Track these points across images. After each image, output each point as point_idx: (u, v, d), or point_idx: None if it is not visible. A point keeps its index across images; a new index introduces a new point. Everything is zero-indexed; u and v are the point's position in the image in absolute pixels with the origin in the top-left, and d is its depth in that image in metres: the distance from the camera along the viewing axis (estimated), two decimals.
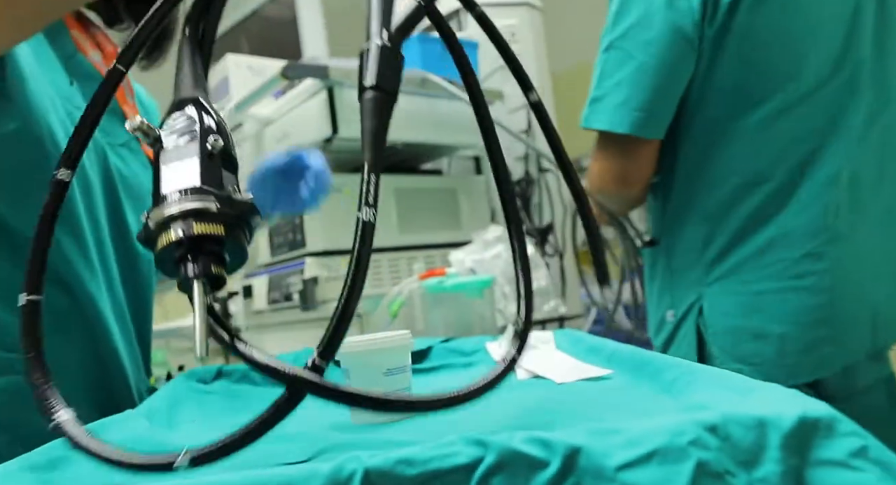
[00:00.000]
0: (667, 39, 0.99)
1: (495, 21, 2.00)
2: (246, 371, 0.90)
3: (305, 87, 1.50)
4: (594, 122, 1.08)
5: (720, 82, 1.02)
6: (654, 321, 1.17)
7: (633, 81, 1.00)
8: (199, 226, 0.42)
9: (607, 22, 1.06)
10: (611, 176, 1.11)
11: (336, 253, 1.51)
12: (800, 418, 0.31)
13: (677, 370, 0.50)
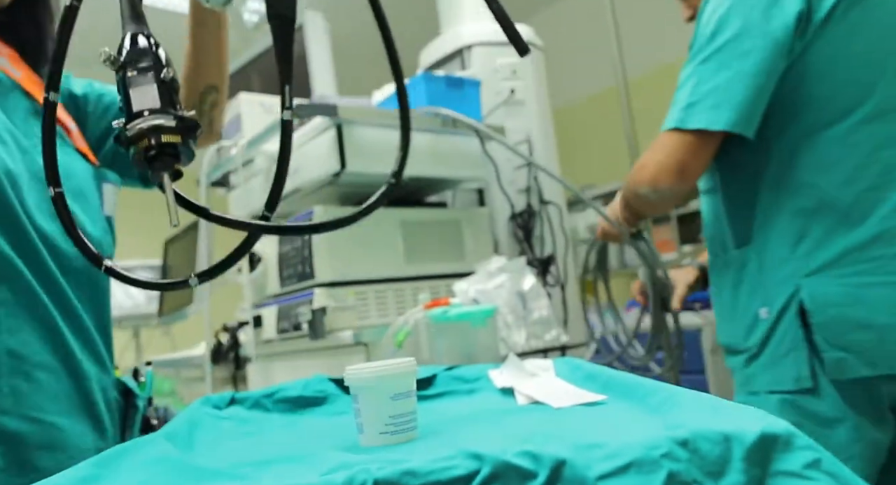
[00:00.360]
0: (762, 50, 1.08)
1: (498, 60, 2.10)
2: (257, 399, 0.95)
3: (315, 125, 1.56)
4: (691, 122, 1.13)
5: (810, 92, 1.11)
6: (743, 324, 1.19)
7: (729, 86, 1.10)
8: (165, 137, 0.61)
9: (699, 39, 1.16)
10: (671, 168, 1.16)
11: (344, 284, 1.56)
12: (761, 433, 0.35)
13: (663, 394, 0.54)
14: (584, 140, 4.49)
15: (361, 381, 0.63)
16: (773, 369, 1.13)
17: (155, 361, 2.79)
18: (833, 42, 1.09)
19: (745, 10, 1.10)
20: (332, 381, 0.96)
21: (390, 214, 1.68)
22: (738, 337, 1.20)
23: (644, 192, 1.22)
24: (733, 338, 1.22)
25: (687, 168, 1.15)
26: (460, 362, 1.14)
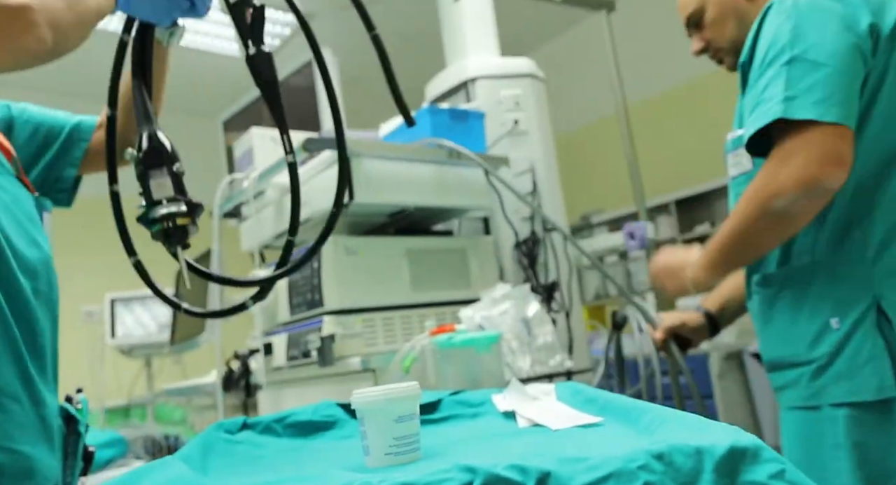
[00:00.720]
0: (850, 53, 1.08)
1: (501, 92, 2.17)
2: (268, 424, 0.98)
3: (324, 158, 1.61)
4: (798, 112, 1.05)
5: (884, 108, 1.12)
6: (807, 336, 1.16)
7: (828, 83, 1.06)
8: (179, 220, 0.86)
9: (775, 46, 1.11)
10: (822, 158, 1.04)
11: (352, 311, 1.59)
12: (730, 447, 0.38)
13: (652, 415, 0.58)
14: (586, 167, 4.55)
15: (367, 404, 0.67)
16: (850, 379, 1.10)
17: (166, 390, 2.84)
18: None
19: (821, 20, 1.09)
20: (340, 406, 0.99)
21: (397, 242, 1.72)
22: (798, 349, 1.17)
23: (784, 202, 1.08)
24: (792, 350, 1.18)
25: (836, 152, 1.04)
26: (466, 387, 1.16)
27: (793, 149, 1.07)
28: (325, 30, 4.59)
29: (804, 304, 1.17)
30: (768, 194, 1.09)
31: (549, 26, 4.91)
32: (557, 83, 2.86)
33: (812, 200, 1.08)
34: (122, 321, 3.82)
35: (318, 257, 1.61)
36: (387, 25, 4.31)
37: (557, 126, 2.57)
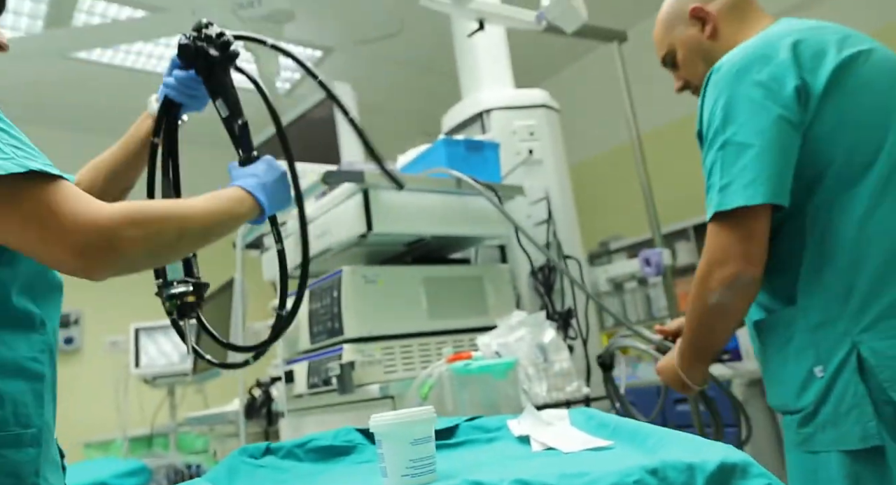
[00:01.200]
0: (775, 126, 1.14)
1: (516, 122, 2.22)
2: (290, 448, 1.01)
3: (343, 190, 1.66)
4: (729, 202, 1.13)
5: (828, 157, 1.16)
6: (794, 384, 1.18)
7: (757, 163, 1.13)
8: (188, 298, 1.03)
9: (711, 128, 1.20)
10: (733, 258, 1.14)
11: (372, 339, 1.63)
12: (720, 463, 0.41)
13: (656, 436, 0.60)
14: (604, 194, 4.57)
15: (384, 427, 0.70)
16: (836, 427, 1.11)
17: (189, 418, 2.87)
18: (837, 108, 1.15)
19: (748, 94, 1.16)
20: (359, 431, 1.02)
21: (415, 271, 1.76)
22: (789, 397, 1.19)
23: (717, 298, 1.18)
24: (784, 398, 1.21)
25: (746, 251, 1.14)
26: (483, 413, 1.19)
27: (708, 247, 1.18)
28: (342, 63, 4.72)
29: (789, 352, 1.19)
30: (703, 291, 1.19)
31: (562, 56, 4.99)
32: (572, 112, 2.90)
33: (738, 294, 1.17)
34: (146, 351, 3.88)
35: (337, 287, 1.65)
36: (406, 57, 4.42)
37: (574, 155, 2.62)
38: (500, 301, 1.87)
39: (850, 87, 1.16)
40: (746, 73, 1.17)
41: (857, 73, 1.16)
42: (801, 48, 1.17)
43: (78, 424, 4.11)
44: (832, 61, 1.15)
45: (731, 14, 1.33)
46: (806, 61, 1.16)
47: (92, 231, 0.77)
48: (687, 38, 1.38)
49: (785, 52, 1.16)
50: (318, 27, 4.17)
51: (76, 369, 4.43)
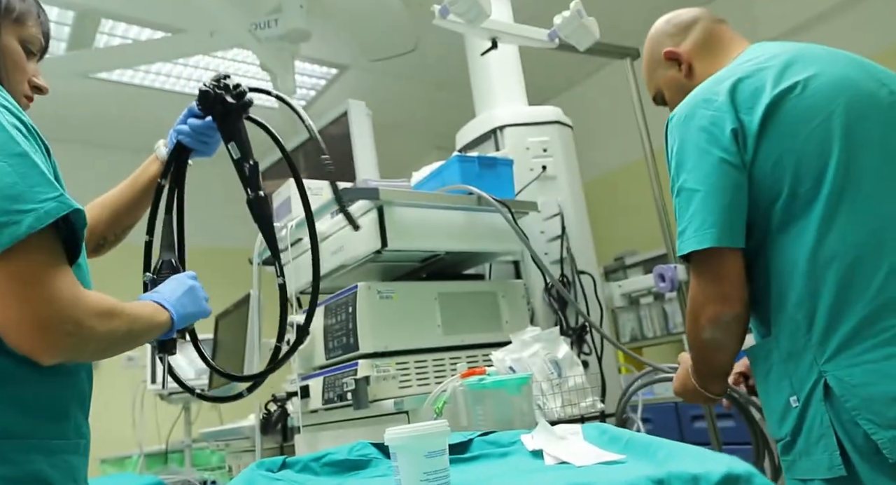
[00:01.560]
0: (717, 170, 1.18)
1: (529, 139, 2.25)
2: (306, 463, 1.02)
3: (358, 206, 1.68)
4: (684, 248, 1.20)
5: (775, 191, 1.19)
6: (776, 413, 1.20)
7: (703, 207, 1.19)
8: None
9: (671, 174, 1.27)
10: (709, 300, 1.19)
11: (387, 354, 1.64)
12: (725, 474, 0.42)
13: (666, 449, 0.61)
14: (619, 209, 4.56)
15: (399, 440, 0.71)
16: (808, 457, 1.13)
17: (204, 434, 2.89)
18: (774, 144, 1.18)
19: (694, 140, 1.21)
20: (374, 446, 1.03)
21: (429, 286, 1.77)
22: (773, 425, 1.22)
23: (707, 334, 1.22)
24: (770, 426, 1.24)
25: (719, 292, 1.18)
26: (497, 428, 1.20)
27: (695, 286, 1.23)
28: (357, 80, 4.78)
29: (770, 382, 1.22)
30: (695, 328, 1.24)
31: (575, 72, 5.01)
32: (586, 128, 2.92)
33: (725, 331, 1.21)
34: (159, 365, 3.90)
35: (353, 302, 1.67)
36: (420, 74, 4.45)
37: (589, 171, 2.62)
38: (514, 317, 1.88)
39: (784, 122, 1.18)
40: (692, 118, 1.22)
41: (792, 105, 1.19)
42: (739, 88, 1.21)
43: (94, 439, 4.11)
44: (766, 98, 1.19)
45: (702, 51, 1.39)
46: (743, 102, 1.20)
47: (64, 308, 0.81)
48: (668, 79, 1.45)
49: (724, 95, 1.20)
50: (333, 45, 4.23)
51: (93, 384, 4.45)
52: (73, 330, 0.80)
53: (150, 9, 3.70)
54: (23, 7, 1.01)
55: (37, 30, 1.03)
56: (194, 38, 3.47)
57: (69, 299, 0.80)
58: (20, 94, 1.02)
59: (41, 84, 1.05)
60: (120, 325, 0.88)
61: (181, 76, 4.46)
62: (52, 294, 0.79)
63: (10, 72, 0.99)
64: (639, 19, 4.39)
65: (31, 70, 1.04)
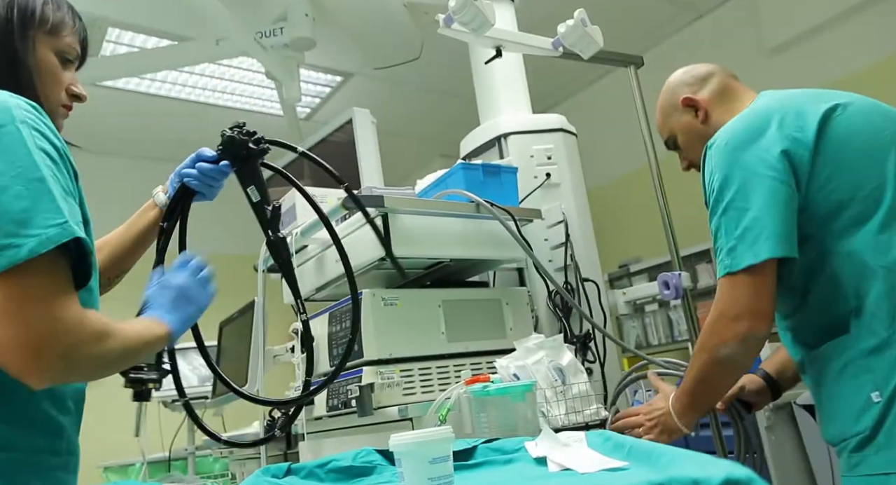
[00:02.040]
0: (768, 187, 1.23)
1: (533, 146, 2.26)
2: (311, 469, 1.03)
3: (362, 214, 1.69)
4: (740, 263, 1.22)
5: (828, 205, 1.24)
6: (851, 409, 1.21)
7: (757, 223, 1.22)
8: (149, 385, 1.10)
9: (712, 195, 1.31)
10: (744, 314, 1.22)
11: (391, 361, 1.64)
12: (724, 478, 0.42)
13: (668, 455, 0.61)
14: (623, 217, 4.57)
15: (404, 446, 0.72)
16: (889, 449, 1.14)
17: (208, 441, 2.89)
18: (829, 158, 1.24)
19: (742, 162, 1.26)
20: (379, 452, 1.03)
21: (433, 294, 1.77)
22: (846, 423, 1.22)
23: (728, 351, 1.25)
24: (842, 425, 1.23)
25: (757, 308, 1.22)
26: (502, 436, 1.20)
27: (718, 303, 1.27)
28: (361, 88, 4.80)
29: (844, 380, 1.23)
30: (714, 343, 1.27)
31: (579, 79, 5.03)
32: (590, 136, 2.92)
33: (749, 349, 1.26)
34: None
35: (357, 309, 1.67)
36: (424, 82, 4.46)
37: (593, 178, 2.62)
38: (518, 324, 1.88)
39: (835, 137, 1.26)
40: (738, 145, 1.30)
41: (838, 123, 1.28)
42: (782, 114, 1.29)
43: (97, 447, 4.13)
44: (815, 117, 1.27)
45: (718, 99, 1.49)
46: (789, 126, 1.27)
47: (58, 335, 0.80)
48: (684, 124, 1.53)
49: (769, 121, 1.28)
50: (337, 53, 4.25)
51: (95, 393, 4.45)
52: (66, 353, 0.80)
53: (156, 17, 3.74)
54: (57, 17, 1.01)
55: (72, 39, 1.03)
56: (200, 46, 3.50)
57: (67, 323, 0.80)
58: (57, 104, 1.02)
59: (79, 92, 1.05)
60: (114, 346, 0.86)
61: (187, 84, 4.48)
62: (50, 317, 0.79)
63: (46, 84, 0.99)
64: (642, 28, 4.42)
65: (69, 79, 1.04)
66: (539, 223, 2.08)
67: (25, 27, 0.97)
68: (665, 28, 4.48)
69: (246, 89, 4.59)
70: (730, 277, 1.24)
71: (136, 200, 1.45)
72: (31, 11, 0.98)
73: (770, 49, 3.97)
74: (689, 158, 1.58)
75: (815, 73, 3.75)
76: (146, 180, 2.05)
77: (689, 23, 4.42)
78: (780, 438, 2.98)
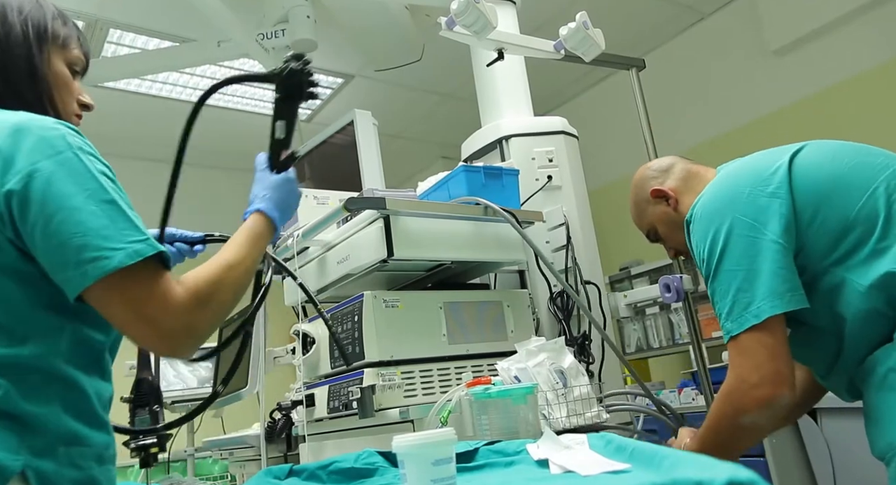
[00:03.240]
0: (758, 245, 1.23)
1: (534, 149, 2.27)
2: (313, 471, 1.03)
3: (364, 216, 1.69)
4: (742, 325, 1.20)
5: (824, 240, 1.24)
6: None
7: (749, 283, 1.21)
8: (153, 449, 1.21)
9: (704, 263, 1.31)
10: (767, 378, 1.18)
11: (392, 363, 1.64)
12: (728, 480, 0.42)
13: (672, 458, 0.61)
14: (625, 219, 4.56)
15: (407, 448, 0.72)
16: None
17: (208, 443, 2.89)
18: (807, 198, 1.25)
19: (720, 224, 1.27)
20: (380, 454, 1.03)
21: (435, 296, 1.77)
22: (894, 431, 1.17)
23: (751, 419, 1.21)
24: (890, 434, 1.18)
25: (774, 371, 1.19)
26: (502, 438, 1.20)
27: (733, 370, 1.23)
28: (363, 90, 4.80)
29: (889, 388, 1.19)
30: (735, 411, 1.24)
31: (581, 81, 5.03)
32: (592, 138, 2.92)
33: (775, 415, 1.22)
34: (165, 376, 3.90)
35: (358, 311, 1.67)
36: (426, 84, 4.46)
37: (595, 180, 2.63)
38: (519, 326, 1.88)
39: (805, 176, 1.28)
40: (715, 212, 1.30)
41: (803, 164, 1.30)
42: (752, 175, 1.31)
43: None
44: (784, 162, 1.30)
45: (684, 185, 1.53)
46: (759, 182, 1.29)
47: (175, 319, 0.89)
48: (659, 214, 1.56)
49: (744, 186, 1.30)
50: (339, 55, 4.26)
51: None
52: (190, 327, 0.90)
53: (158, 19, 3.74)
54: (66, 32, 1.07)
55: (79, 51, 1.09)
56: (201, 47, 3.50)
57: (178, 306, 0.89)
58: (71, 114, 1.08)
59: (88, 102, 1.11)
60: (223, 289, 0.96)
61: (188, 85, 4.49)
62: (165, 310, 0.88)
63: (63, 95, 1.06)
64: (644, 31, 4.42)
65: (77, 89, 1.10)
66: (540, 226, 2.08)
67: (41, 42, 1.03)
68: (666, 31, 4.48)
69: (247, 91, 4.59)
70: (736, 342, 1.22)
71: (137, 201, 1.44)
72: (43, 27, 1.04)
73: (772, 52, 3.97)
74: (673, 246, 1.60)
75: (817, 77, 3.75)
76: (147, 181, 2.06)
77: (691, 25, 4.42)
78: (781, 442, 2.97)
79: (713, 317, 4.07)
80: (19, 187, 0.84)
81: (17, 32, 1.01)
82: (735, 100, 4.12)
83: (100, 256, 0.84)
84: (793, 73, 3.88)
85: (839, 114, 3.61)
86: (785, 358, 1.20)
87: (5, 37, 1.00)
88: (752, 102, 4.04)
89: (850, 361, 1.26)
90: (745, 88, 4.09)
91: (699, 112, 4.30)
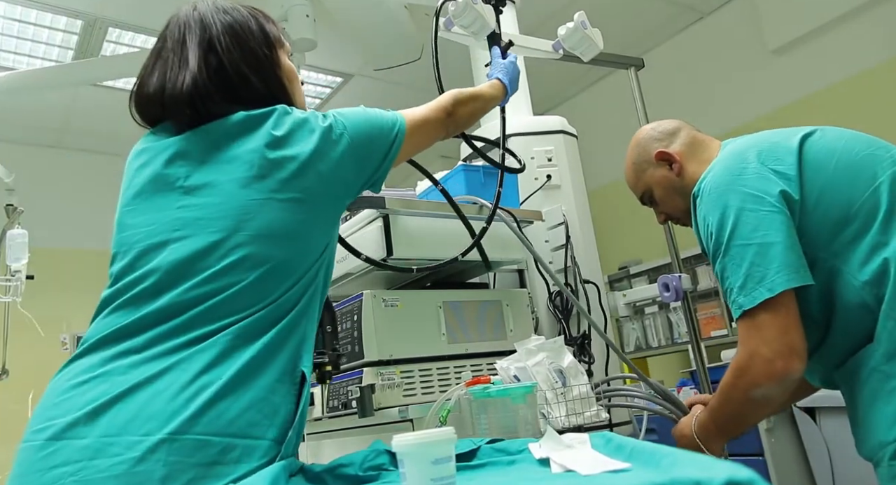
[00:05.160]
0: (768, 221, 1.23)
1: (534, 148, 2.27)
2: (318, 474, 1.02)
3: (364, 215, 1.69)
4: (755, 299, 1.20)
5: (826, 224, 1.24)
6: (885, 416, 1.17)
7: (763, 257, 1.21)
8: (326, 367, 1.36)
9: (711, 240, 1.30)
10: (780, 352, 1.18)
11: (391, 363, 1.64)
12: (727, 480, 0.43)
13: (671, 457, 0.62)
14: (624, 218, 4.57)
15: (406, 447, 0.72)
16: None
17: None
18: (814, 181, 1.26)
19: (730, 199, 1.27)
20: (388, 453, 1.03)
21: (433, 295, 1.77)
22: (881, 431, 1.18)
23: (763, 391, 1.22)
24: (877, 434, 1.20)
25: (788, 346, 1.18)
26: (502, 437, 1.19)
27: (743, 346, 1.23)
28: (362, 89, 4.80)
29: (869, 386, 1.21)
30: (746, 384, 1.24)
31: (579, 81, 5.03)
32: (591, 137, 2.93)
33: (786, 388, 1.22)
34: None
35: (358, 310, 1.67)
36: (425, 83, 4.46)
37: (594, 180, 2.63)
38: (518, 325, 1.88)
39: (815, 159, 1.28)
40: (724, 186, 1.29)
41: (816, 147, 1.30)
42: (760, 151, 1.31)
43: None
44: (792, 146, 1.29)
45: (689, 150, 1.50)
46: (768, 159, 1.29)
47: None
48: (659, 178, 1.53)
49: (751, 160, 1.30)
50: (338, 54, 4.26)
51: None
52: (452, 115, 1.39)
53: (157, 18, 3.73)
54: (277, 32, 1.20)
55: (286, 42, 1.22)
56: None
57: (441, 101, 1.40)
58: (302, 104, 1.20)
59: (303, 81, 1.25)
60: (472, 108, 1.45)
61: None
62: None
63: (295, 87, 1.18)
64: (643, 30, 4.43)
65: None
66: (540, 225, 2.09)
67: (271, 47, 1.16)
68: (666, 30, 4.49)
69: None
70: (749, 317, 1.21)
71: None
72: (269, 32, 1.17)
73: (771, 51, 3.97)
74: (666, 211, 1.58)
75: (817, 76, 3.76)
76: None
77: (690, 24, 4.42)
78: (779, 440, 2.98)
79: (712, 316, 4.09)
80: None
81: (256, 47, 1.13)
82: (734, 99, 4.13)
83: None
84: (792, 73, 3.89)
85: (839, 113, 3.61)
86: (798, 331, 1.19)
87: (252, 53, 1.11)
88: (752, 102, 4.05)
89: (832, 352, 1.28)
90: (744, 88, 4.10)
91: (698, 111, 4.31)
